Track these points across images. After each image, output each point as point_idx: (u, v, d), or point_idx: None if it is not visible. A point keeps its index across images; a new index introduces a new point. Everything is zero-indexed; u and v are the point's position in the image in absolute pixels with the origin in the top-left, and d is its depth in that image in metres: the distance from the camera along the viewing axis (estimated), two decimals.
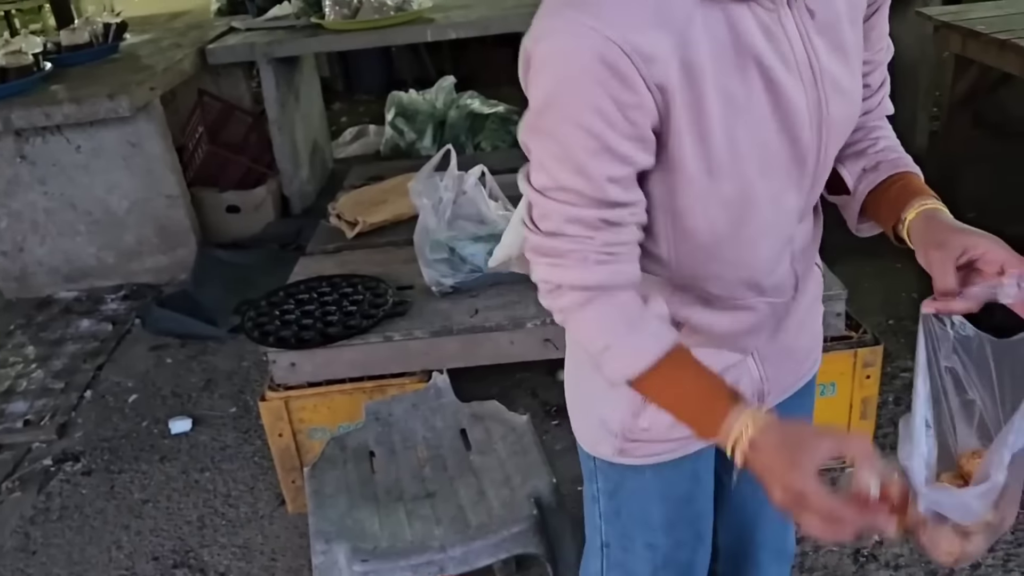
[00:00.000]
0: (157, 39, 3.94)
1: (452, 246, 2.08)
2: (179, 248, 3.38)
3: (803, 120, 0.85)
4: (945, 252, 0.86)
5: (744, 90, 0.81)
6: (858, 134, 1.01)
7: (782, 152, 0.87)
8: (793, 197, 0.92)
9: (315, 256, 2.46)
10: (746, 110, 0.82)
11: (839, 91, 0.88)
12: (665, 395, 0.89)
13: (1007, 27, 2.44)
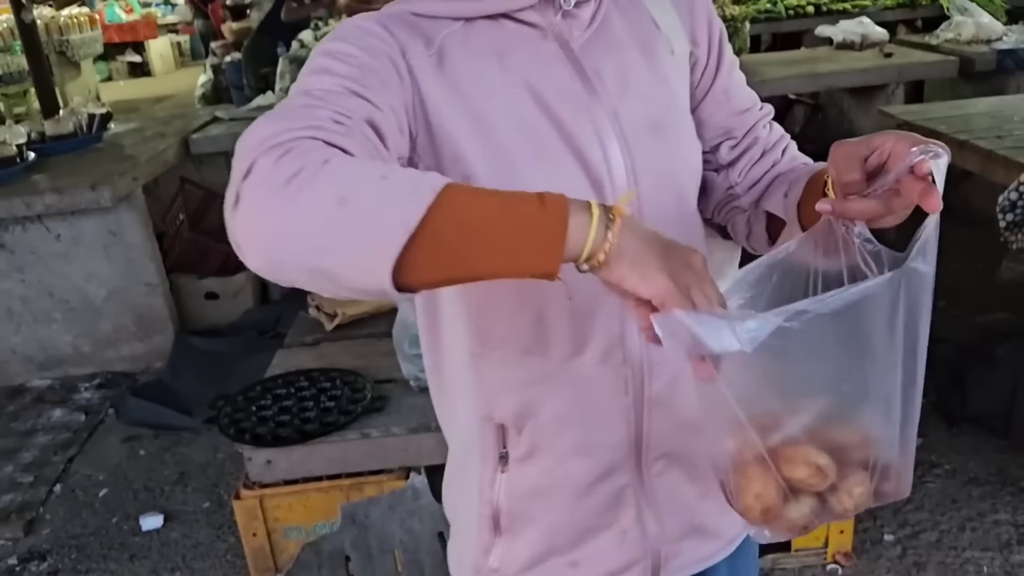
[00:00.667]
0: (141, 128, 4.00)
1: None
2: (156, 336, 3.37)
3: (590, 149, 0.80)
4: (851, 147, 0.72)
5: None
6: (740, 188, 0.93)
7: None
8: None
9: (293, 348, 2.46)
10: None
11: (648, 130, 0.83)
12: (465, 237, 0.60)
13: (966, 127, 2.54)
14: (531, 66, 0.80)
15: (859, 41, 4.12)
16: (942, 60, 3.79)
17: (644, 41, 0.86)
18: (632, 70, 0.84)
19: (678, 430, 0.88)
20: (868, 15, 4.84)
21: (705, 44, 0.89)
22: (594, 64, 0.82)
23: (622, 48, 0.84)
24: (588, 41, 0.82)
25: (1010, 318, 2.72)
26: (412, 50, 0.77)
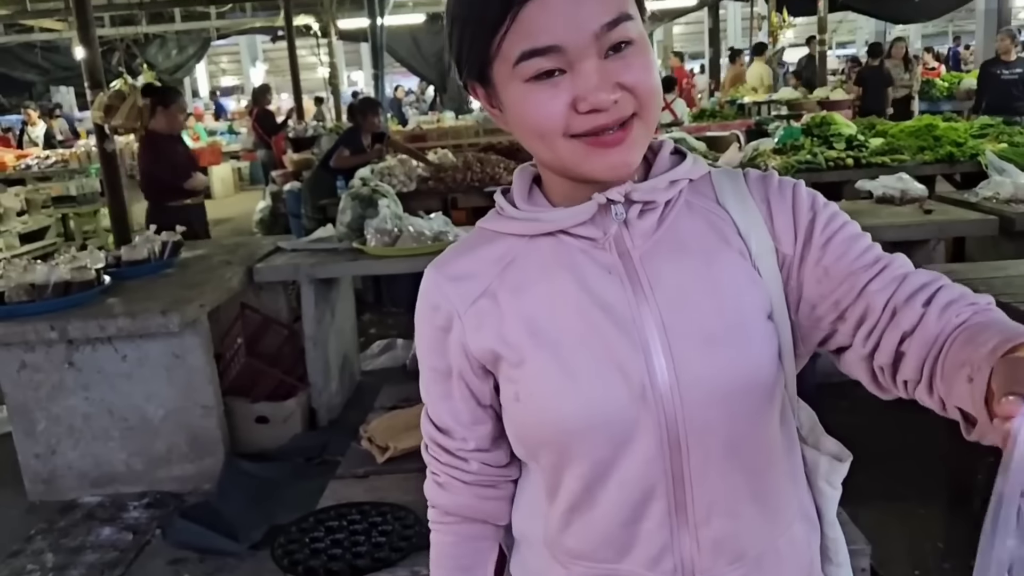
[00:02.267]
0: (208, 255, 4.21)
1: None
2: (207, 457, 3.44)
3: (632, 363, 0.83)
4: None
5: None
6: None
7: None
8: (630, 455, 0.84)
9: (345, 480, 2.51)
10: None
11: (697, 342, 0.84)
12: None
13: (1008, 289, 2.60)
14: (585, 278, 0.86)
15: (899, 196, 4.25)
16: (982, 219, 3.89)
17: (713, 246, 0.87)
18: (692, 280, 0.85)
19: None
20: (907, 169, 5.01)
21: (790, 239, 0.88)
22: (653, 274, 0.85)
23: (685, 255, 0.86)
24: (649, 250, 0.86)
25: None
26: (463, 305, 0.90)
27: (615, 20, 0.78)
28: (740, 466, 0.86)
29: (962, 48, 18.77)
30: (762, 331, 0.86)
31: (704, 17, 18.32)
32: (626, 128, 0.81)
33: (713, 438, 0.84)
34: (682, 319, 0.84)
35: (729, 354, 0.84)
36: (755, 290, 0.87)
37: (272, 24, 14.04)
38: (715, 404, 0.83)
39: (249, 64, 26.41)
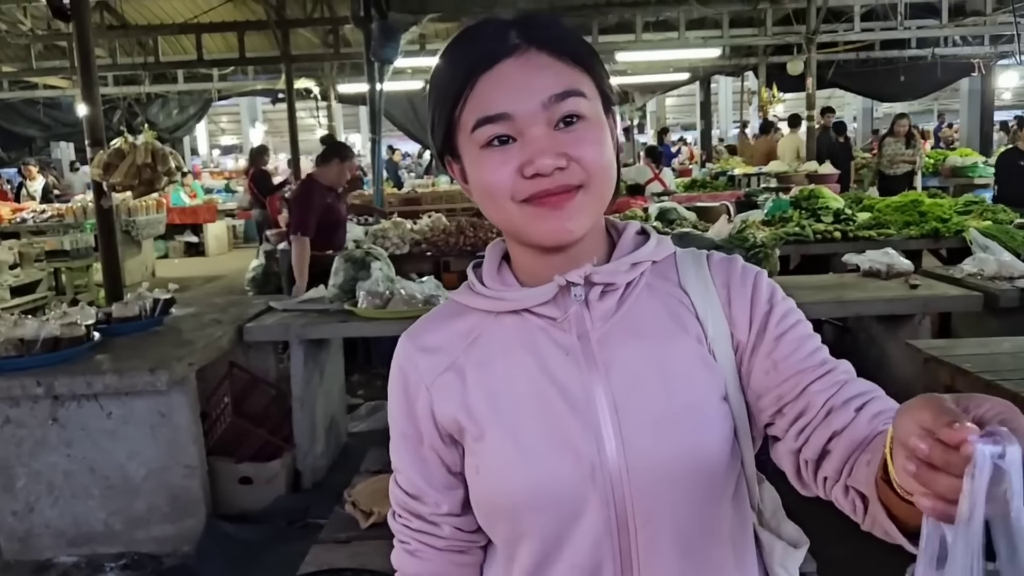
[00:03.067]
0: (199, 314, 4.22)
1: None
2: (188, 519, 3.39)
3: (583, 443, 0.87)
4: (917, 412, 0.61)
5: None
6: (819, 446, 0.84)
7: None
8: (578, 531, 0.87)
9: (327, 545, 2.49)
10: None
11: (648, 423, 0.86)
12: None
13: (992, 367, 2.63)
14: (543, 357, 0.90)
15: (885, 270, 4.31)
16: (967, 295, 3.94)
17: (669, 330, 0.90)
18: (646, 363, 0.88)
19: None
20: (893, 244, 5.10)
21: (745, 326, 0.91)
22: (608, 356, 0.88)
23: (641, 339, 0.89)
24: (607, 332, 0.89)
25: None
26: (430, 376, 0.95)
27: (564, 93, 0.84)
28: (688, 549, 0.88)
29: (944, 126, 19.23)
30: (715, 414, 0.88)
31: (696, 90, 18.78)
32: (569, 194, 0.84)
33: (661, 520, 0.86)
34: (634, 401, 0.86)
35: (679, 437, 0.86)
36: (708, 374, 0.89)
37: (273, 87, 14.29)
38: (663, 486, 0.85)
39: (249, 124, 26.82)
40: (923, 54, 13.55)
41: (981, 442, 0.53)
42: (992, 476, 0.53)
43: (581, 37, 0.90)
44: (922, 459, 0.57)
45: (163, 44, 12.05)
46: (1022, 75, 20.77)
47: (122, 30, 10.67)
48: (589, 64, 0.88)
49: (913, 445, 0.57)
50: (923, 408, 0.58)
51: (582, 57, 0.87)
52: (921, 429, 0.57)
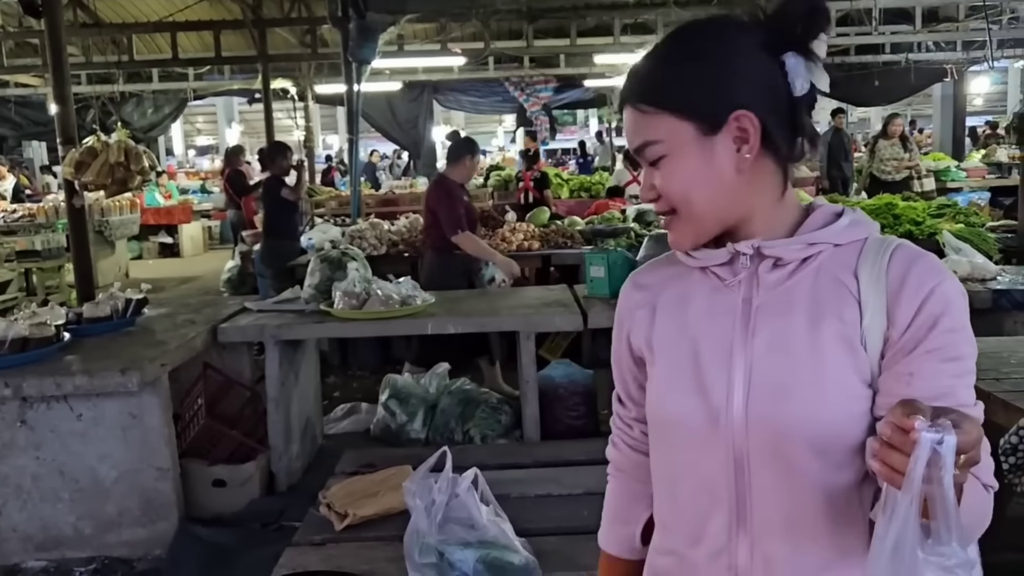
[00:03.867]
0: (172, 314, 4.16)
1: (442, 551, 2.10)
2: (159, 522, 3.34)
3: (714, 393, 1.01)
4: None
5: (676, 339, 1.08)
6: None
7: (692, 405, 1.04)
8: (705, 461, 1.02)
9: (301, 547, 2.45)
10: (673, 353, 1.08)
11: (772, 387, 0.97)
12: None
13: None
14: (708, 309, 1.06)
15: None
16: None
17: (824, 311, 0.98)
18: (789, 337, 0.98)
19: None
20: None
21: (903, 327, 0.95)
22: (759, 323, 1.01)
23: (791, 313, 0.99)
24: (766, 301, 1.02)
25: (1021, 559, 2.69)
26: (633, 309, 1.16)
27: (640, 146, 1.03)
28: (795, 510, 0.98)
29: (916, 132, 19.47)
30: (843, 395, 0.96)
31: None
32: (672, 221, 1.05)
33: (774, 474, 0.98)
34: (765, 366, 0.99)
35: (799, 407, 0.96)
36: (850, 358, 0.97)
37: (249, 87, 14.15)
38: (779, 445, 0.97)
39: (225, 124, 26.60)
40: (897, 59, 13.69)
41: (926, 431, 0.71)
42: (931, 457, 0.71)
43: (658, 78, 1.01)
44: (884, 440, 0.76)
45: (137, 42, 11.91)
46: (994, 81, 21.08)
47: (95, 28, 10.53)
48: (665, 103, 1.00)
49: (879, 429, 0.77)
50: (900, 405, 0.76)
51: (658, 100, 1.00)
52: (890, 417, 0.76)
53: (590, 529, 1.53)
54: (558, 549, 2.31)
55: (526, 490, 2.78)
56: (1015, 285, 4.03)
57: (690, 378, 1.03)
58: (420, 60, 12.62)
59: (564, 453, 3.19)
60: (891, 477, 0.75)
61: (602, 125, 20.31)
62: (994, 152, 12.42)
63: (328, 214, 9.73)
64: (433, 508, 2.15)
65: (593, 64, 13.33)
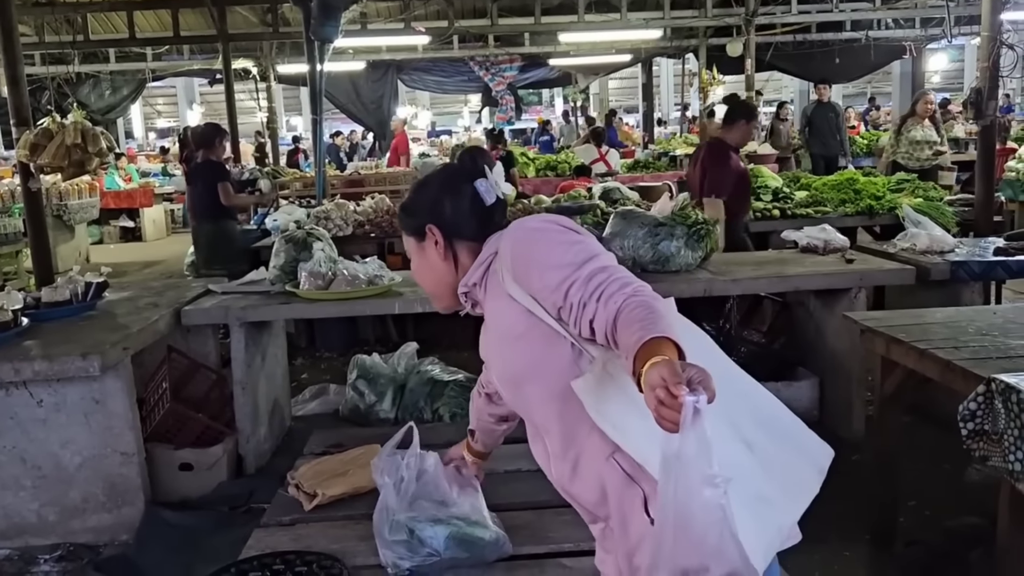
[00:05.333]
0: (135, 297, 4.09)
1: (411, 527, 2.10)
2: (125, 507, 3.30)
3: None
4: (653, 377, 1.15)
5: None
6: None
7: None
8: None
9: (270, 528, 2.43)
10: None
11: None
12: None
13: (925, 336, 2.70)
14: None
15: (822, 246, 4.40)
16: (900, 268, 4.05)
17: (494, 295, 1.52)
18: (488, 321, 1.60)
19: (593, 508, 1.48)
20: (830, 221, 5.20)
21: (509, 268, 1.46)
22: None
23: (486, 311, 1.59)
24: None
25: (979, 523, 2.77)
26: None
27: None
28: (558, 430, 1.46)
29: (873, 109, 19.71)
30: (513, 335, 1.49)
31: (638, 73, 18.88)
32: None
33: (511, 399, 1.61)
34: (489, 336, 1.60)
35: (500, 355, 1.56)
36: (510, 311, 1.47)
37: (210, 67, 13.88)
38: (502, 384, 1.61)
39: (186, 106, 26.10)
40: (857, 36, 13.82)
41: (689, 396, 1.04)
42: (693, 412, 1.03)
43: (408, 212, 1.65)
44: (659, 398, 1.07)
45: (93, 22, 11.62)
46: (951, 58, 21.39)
47: (48, 7, 10.24)
48: (405, 226, 1.65)
49: (657, 393, 1.07)
50: (664, 369, 1.08)
51: (404, 226, 1.66)
52: (661, 381, 1.07)
53: (559, 503, 1.55)
54: (528, 523, 2.32)
55: (495, 466, 2.78)
56: (972, 257, 4.11)
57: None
58: (384, 39, 12.46)
59: None
60: (670, 428, 1.06)
61: (567, 105, 20.26)
62: (952, 128, 12.62)
63: (293, 196, 9.61)
64: (402, 485, 2.15)
65: (558, 43, 13.29)
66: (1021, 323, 2.80)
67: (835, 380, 4.11)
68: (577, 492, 1.47)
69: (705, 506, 1.05)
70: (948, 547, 2.71)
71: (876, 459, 3.13)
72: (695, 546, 1.08)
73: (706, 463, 1.04)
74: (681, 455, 1.04)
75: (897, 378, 2.88)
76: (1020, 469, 2.00)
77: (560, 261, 1.39)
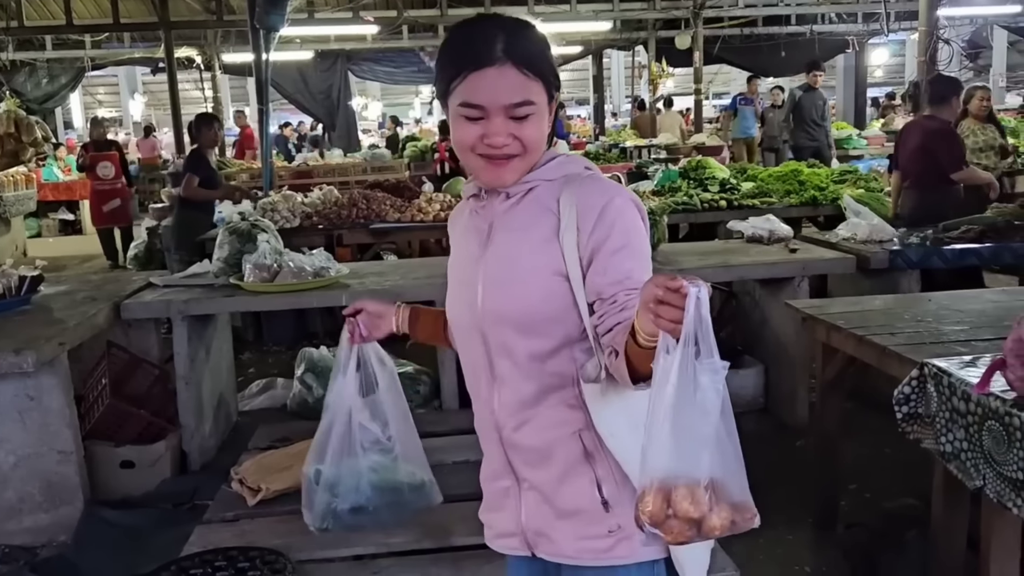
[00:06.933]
0: (72, 291, 3.98)
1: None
2: (63, 507, 3.21)
3: (469, 295, 1.39)
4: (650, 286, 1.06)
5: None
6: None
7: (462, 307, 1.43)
8: (471, 343, 1.41)
9: (212, 524, 2.40)
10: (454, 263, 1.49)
11: (495, 284, 1.35)
12: None
13: (863, 323, 2.76)
14: (468, 230, 1.45)
15: (767, 236, 4.48)
16: (841, 257, 4.14)
17: (532, 226, 1.35)
18: (507, 247, 1.37)
19: (525, 464, 1.39)
20: (775, 211, 5.29)
21: (588, 232, 1.29)
22: (492, 239, 1.39)
23: (512, 230, 1.37)
24: (498, 223, 1.39)
25: (916, 504, 2.84)
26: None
27: (521, 103, 1.30)
28: (519, 362, 1.35)
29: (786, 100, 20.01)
30: (540, 284, 1.32)
31: (589, 65, 18.94)
32: (510, 161, 1.33)
33: (502, 344, 1.36)
34: (492, 269, 1.37)
35: (512, 290, 1.34)
36: (549, 259, 1.31)
37: (152, 56, 13.54)
38: (500, 324, 1.35)
39: (128, 96, 25.43)
40: (802, 30, 14.07)
41: (692, 286, 0.98)
42: (695, 301, 0.98)
43: (545, 52, 1.35)
44: (659, 300, 1.00)
45: (28, 7, 11.23)
46: (892, 52, 21.89)
47: None
48: (543, 74, 1.32)
49: (654, 293, 1.01)
50: (657, 276, 1.03)
51: (541, 72, 1.32)
52: (657, 284, 1.01)
53: None
54: (474, 514, 2.32)
55: (444, 457, 2.77)
56: (910, 246, 4.21)
57: (455, 282, 1.46)
58: (331, 28, 12.29)
59: None
60: (671, 328, 1.00)
61: None
62: (892, 121, 12.95)
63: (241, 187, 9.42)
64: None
65: None
66: (954, 310, 2.88)
67: (779, 368, 4.19)
68: (517, 441, 1.38)
69: (703, 391, 1.01)
70: (886, 528, 2.78)
71: (818, 444, 3.20)
72: (689, 440, 1.03)
73: (707, 352, 1.00)
74: (684, 344, 0.99)
75: (838, 364, 2.94)
76: (951, 451, 2.06)
77: (641, 261, 1.30)
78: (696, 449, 1.02)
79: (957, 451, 2.04)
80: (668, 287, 1.00)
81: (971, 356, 2.22)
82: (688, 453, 1.02)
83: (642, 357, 1.11)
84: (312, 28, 11.65)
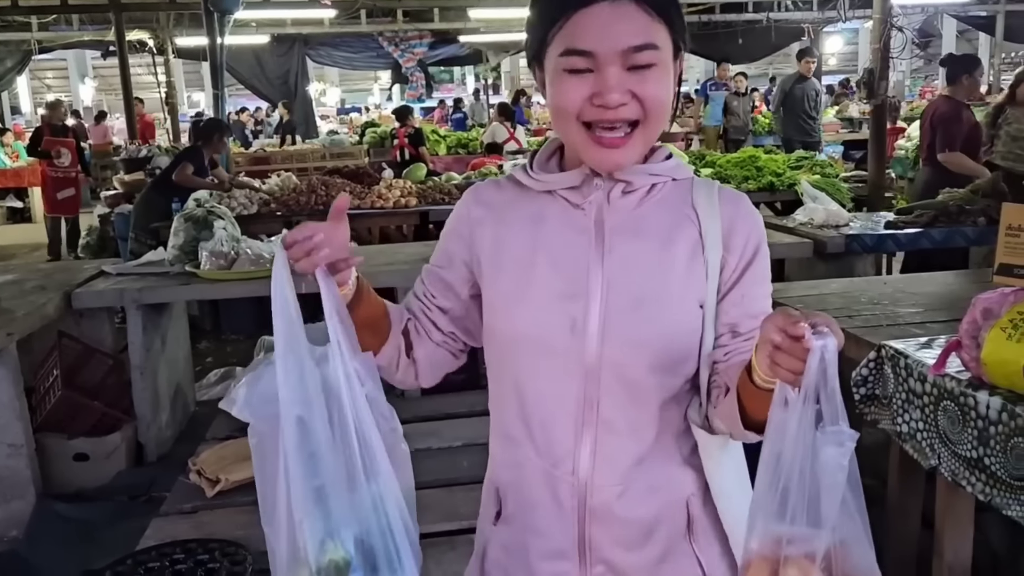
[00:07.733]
0: (20, 280, 3.87)
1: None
2: (14, 500, 3.13)
3: (572, 311, 1.06)
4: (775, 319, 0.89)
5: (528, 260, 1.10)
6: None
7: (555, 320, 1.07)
8: (556, 370, 1.07)
9: (170, 517, 2.36)
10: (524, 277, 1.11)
11: (629, 305, 1.05)
12: None
13: (821, 306, 2.79)
14: (555, 231, 1.09)
15: None
16: (799, 242, 4.19)
17: (670, 237, 1.08)
18: (641, 255, 1.07)
19: (616, 543, 1.08)
20: None
21: (737, 253, 1.08)
22: (614, 243, 1.07)
23: (645, 238, 1.07)
24: (619, 224, 1.08)
25: (872, 484, 2.90)
26: (477, 222, 1.15)
27: (642, 46, 0.98)
28: (640, 406, 1.07)
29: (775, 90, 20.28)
30: (684, 312, 1.07)
31: None
32: (629, 136, 1.02)
33: (619, 378, 1.05)
34: (622, 281, 1.05)
35: (647, 318, 1.05)
36: (692, 280, 1.07)
37: (102, 39, 13.20)
38: (627, 352, 1.05)
39: (78, 80, 24.78)
40: (759, 18, 14.21)
41: (815, 338, 0.83)
42: (819, 358, 0.83)
43: (680, 14, 1.04)
44: (777, 346, 0.85)
45: None
46: (846, 40, 22.22)
47: None
48: (670, 18, 1.01)
49: (771, 338, 0.85)
50: (779, 316, 0.86)
51: (666, 11, 1.00)
52: (777, 328, 0.85)
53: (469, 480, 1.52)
54: (439, 501, 2.31)
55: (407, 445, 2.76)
56: (865, 230, 4.28)
57: (544, 292, 1.07)
58: (288, 12, 12.12)
59: (444, 407, 3.18)
60: (790, 379, 0.85)
61: (479, 83, 20.14)
62: (846, 108, 13.14)
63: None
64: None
65: (468, 19, 13.17)
66: (910, 292, 2.93)
67: None
68: (618, 511, 1.07)
69: (825, 466, 0.86)
70: None
71: None
72: (803, 511, 0.86)
73: (831, 417, 0.85)
74: (803, 400, 0.84)
75: None
76: (907, 431, 2.09)
77: (770, 294, 1.13)
78: (812, 517, 0.87)
79: (913, 431, 2.07)
80: (789, 332, 0.83)
81: (927, 338, 2.26)
82: (802, 521, 0.87)
83: (758, 399, 0.93)
84: (268, 11, 11.47)
